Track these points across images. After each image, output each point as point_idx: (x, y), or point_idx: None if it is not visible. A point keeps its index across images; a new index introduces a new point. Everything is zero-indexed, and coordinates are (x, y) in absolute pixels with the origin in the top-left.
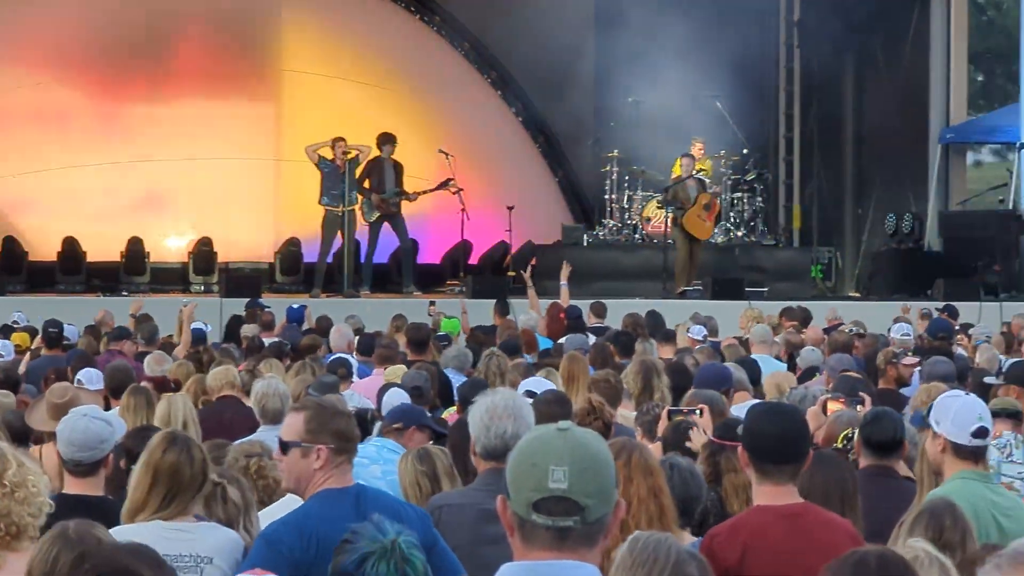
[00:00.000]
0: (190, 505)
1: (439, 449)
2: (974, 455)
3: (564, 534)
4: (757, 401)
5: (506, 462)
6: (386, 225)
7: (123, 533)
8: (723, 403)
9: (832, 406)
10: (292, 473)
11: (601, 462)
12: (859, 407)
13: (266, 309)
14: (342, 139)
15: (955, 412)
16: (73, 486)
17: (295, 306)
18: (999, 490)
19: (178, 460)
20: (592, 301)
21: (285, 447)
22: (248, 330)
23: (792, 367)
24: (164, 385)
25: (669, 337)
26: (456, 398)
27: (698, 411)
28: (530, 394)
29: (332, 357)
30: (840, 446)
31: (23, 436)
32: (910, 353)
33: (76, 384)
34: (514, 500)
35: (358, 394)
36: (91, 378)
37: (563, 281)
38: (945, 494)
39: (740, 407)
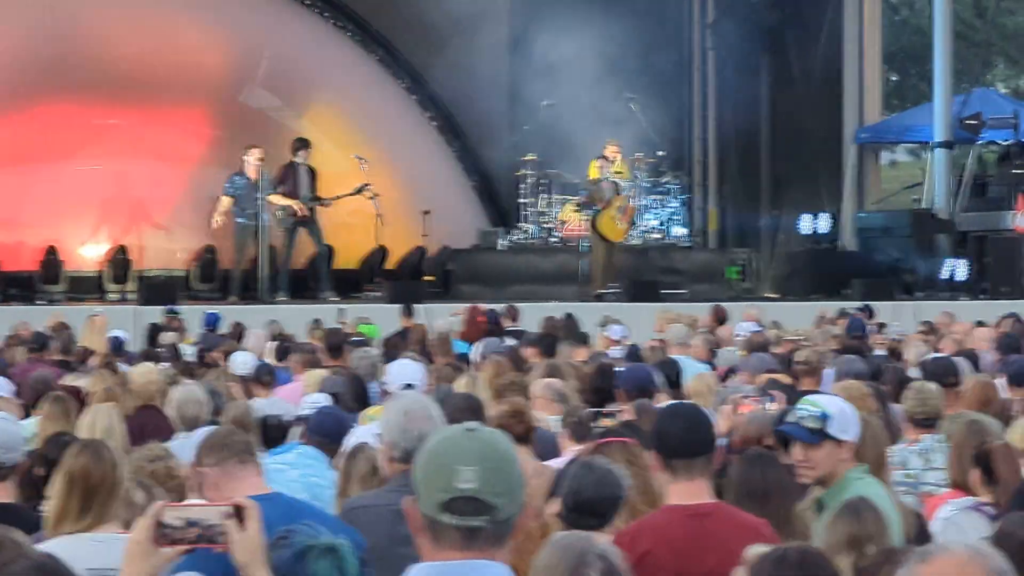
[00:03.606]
0: (110, 511)
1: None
2: None
3: (474, 534)
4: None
5: None
6: (302, 230)
7: (50, 547)
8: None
9: (744, 406)
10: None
11: (509, 462)
12: (771, 405)
13: (178, 316)
14: (254, 147)
15: None
16: None
17: (210, 312)
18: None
19: (88, 463)
20: (507, 304)
21: None
22: (167, 338)
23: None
24: (77, 393)
25: (582, 339)
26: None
27: (616, 413)
28: (409, 386)
29: (257, 364)
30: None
31: None
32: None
33: None
34: (423, 501)
35: (281, 400)
36: (1, 387)
37: None
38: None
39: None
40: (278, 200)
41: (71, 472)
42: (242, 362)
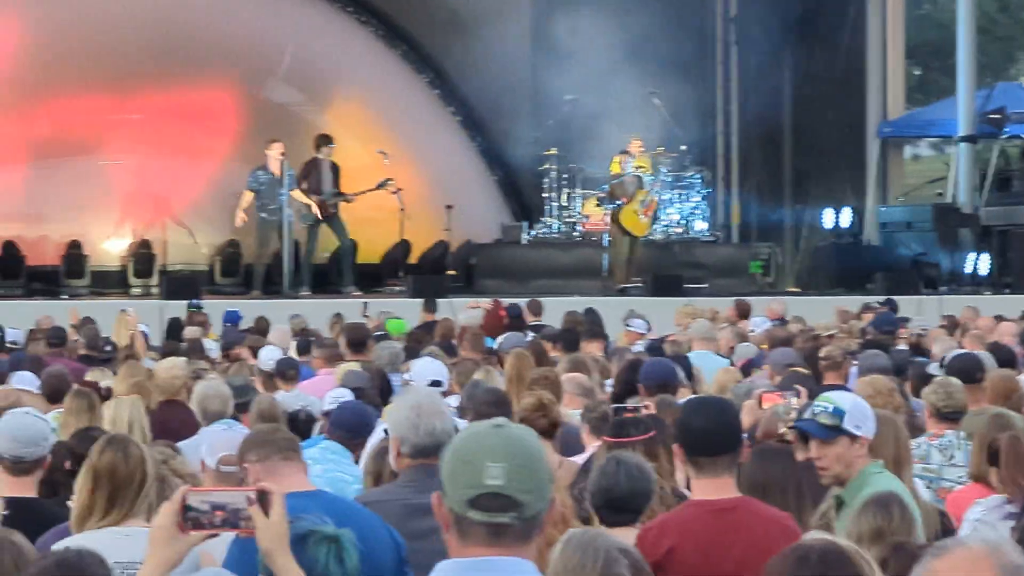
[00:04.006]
0: (136, 507)
1: None
2: None
3: (501, 530)
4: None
5: (436, 459)
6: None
7: (75, 541)
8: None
9: (768, 400)
10: None
11: (537, 458)
12: (795, 400)
13: (201, 311)
14: (276, 141)
15: None
16: (9, 487)
17: (231, 310)
18: None
19: (114, 459)
20: (528, 299)
21: None
22: (191, 332)
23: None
24: (97, 389)
25: (597, 334)
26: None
27: (642, 408)
28: (435, 383)
29: (281, 358)
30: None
31: None
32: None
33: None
34: (450, 497)
35: (303, 393)
36: (25, 381)
37: None
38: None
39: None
40: (300, 197)
41: (97, 468)
42: (269, 356)
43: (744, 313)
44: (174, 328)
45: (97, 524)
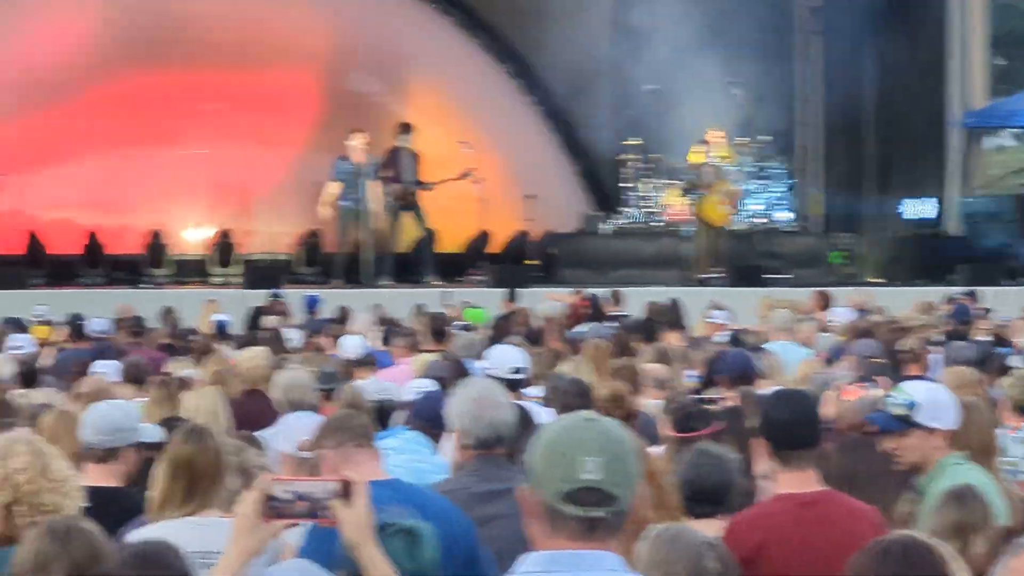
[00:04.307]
0: (213, 497)
1: None
2: None
3: (594, 524)
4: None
5: (498, 449)
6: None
7: (152, 531)
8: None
9: (849, 392)
10: None
11: (629, 452)
12: (875, 391)
13: (281, 299)
14: (359, 131)
15: None
16: (91, 475)
17: (310, 294)
18: None
19: (193, 450)
20: (611, 289)
21: None
22: (270, 321)
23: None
24: (184, 377)
25: (679, 325)
26: None
27: (719, 400)
28: (517, 371)
29: (362, 349)
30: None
31: None
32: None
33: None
34: (543, 490)
35: (383, 382)
36: (108, 370)
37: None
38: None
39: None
40: (377, 190)
41: (175, 459)
42: (351, 345)
43: (825, 304)
44: (255, 317)
45: (174, 514)
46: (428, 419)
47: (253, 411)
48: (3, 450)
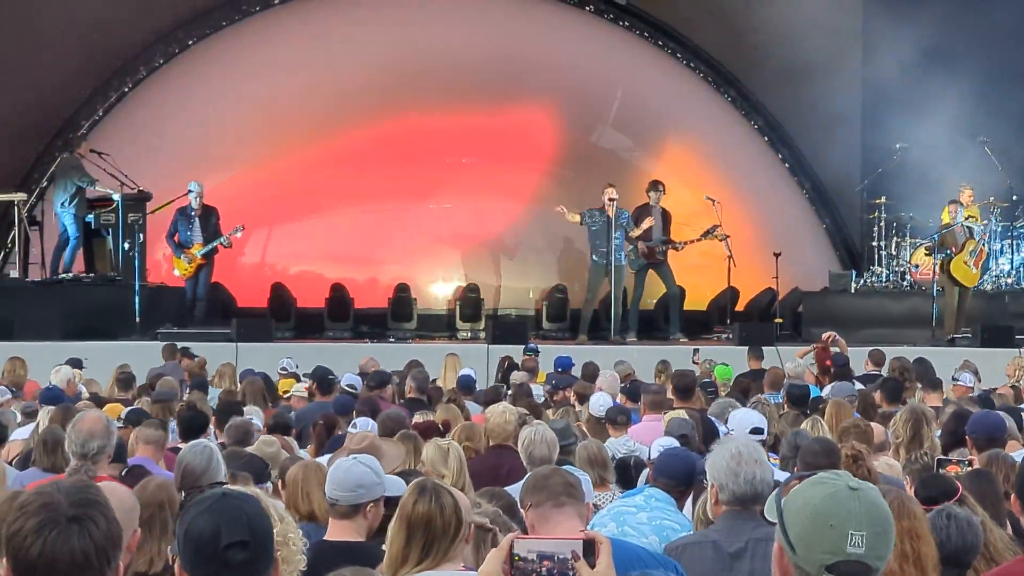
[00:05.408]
0: (452, 552)
1: None
2: None
3: None
4: None
5: (753, 506)
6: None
7: None
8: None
9: None
10: None
11: (891, 523)
12: None
13: (535, 355)
14: (611, 185)
15: None
16: (334, 530)
17: (563, 356)
18: None
19: (429, 510)
20: (871, 348)
21: None
22: (518, 376)
23: None
24: (430, 430)
25: (936, 385)
26: None
27: (967, 463)
28: (756, 431)
29: (610, 406)
30: None
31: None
32: None
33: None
34: (804, 558)
35: (632, 440)
36: (366, 426)
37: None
38: None
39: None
40: (634, 234)
41: (412, 519)
42: (598, 403)
43: None
44: (506, 372)
45: (410, 571)
46: (671, 476)
47: (502, 467)
48: None
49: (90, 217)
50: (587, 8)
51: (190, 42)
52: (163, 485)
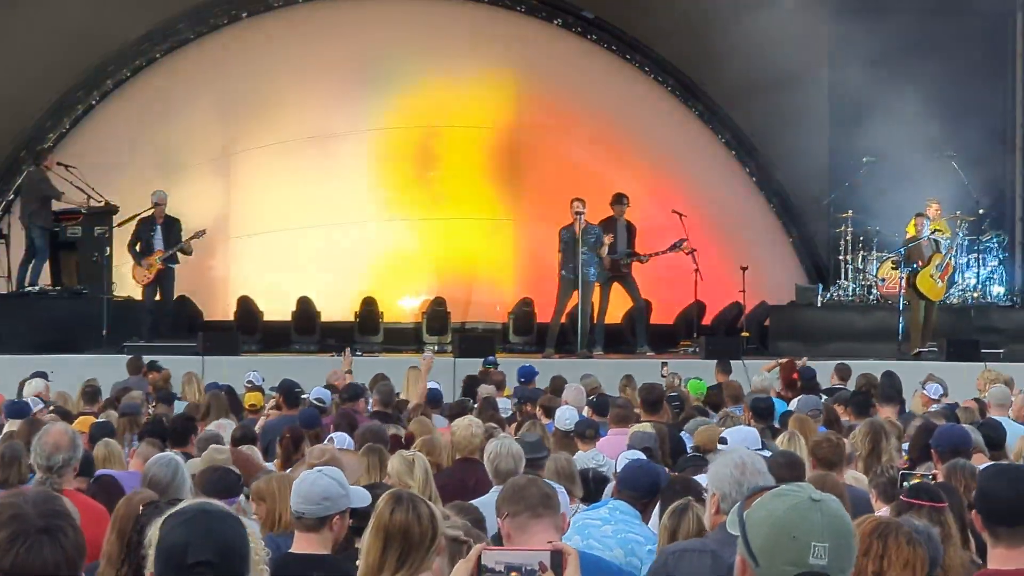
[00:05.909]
0: (427, 562)
1: None
2: None
3: None
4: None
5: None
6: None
7: None
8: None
9: None
10: None
11: (853, 535)
12: None
13: (496, 368)
14: (578, 199)
15: None
16: (300, 543)
17: (526, 365)
18: None
19: (407, 519)
20: (837, 362)
21: None
22: (484, 390)
23: None
24: (397, 443)
25: (891, 398)
26: None
27: (931, 476)
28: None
29: (578, 420)
30: None
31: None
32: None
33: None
34: (767, 570)
35: (600, 453)
36: (343, 441)
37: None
38: None
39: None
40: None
41: (389, 529)
42: (565, 417)
43: None
44: (470, 386)
45: None
46: (634, 488)
47: (468, 479)
48: None
49: (57, 228)
50: (555, 22)
51: (157, 55)
52: (148, 498)
